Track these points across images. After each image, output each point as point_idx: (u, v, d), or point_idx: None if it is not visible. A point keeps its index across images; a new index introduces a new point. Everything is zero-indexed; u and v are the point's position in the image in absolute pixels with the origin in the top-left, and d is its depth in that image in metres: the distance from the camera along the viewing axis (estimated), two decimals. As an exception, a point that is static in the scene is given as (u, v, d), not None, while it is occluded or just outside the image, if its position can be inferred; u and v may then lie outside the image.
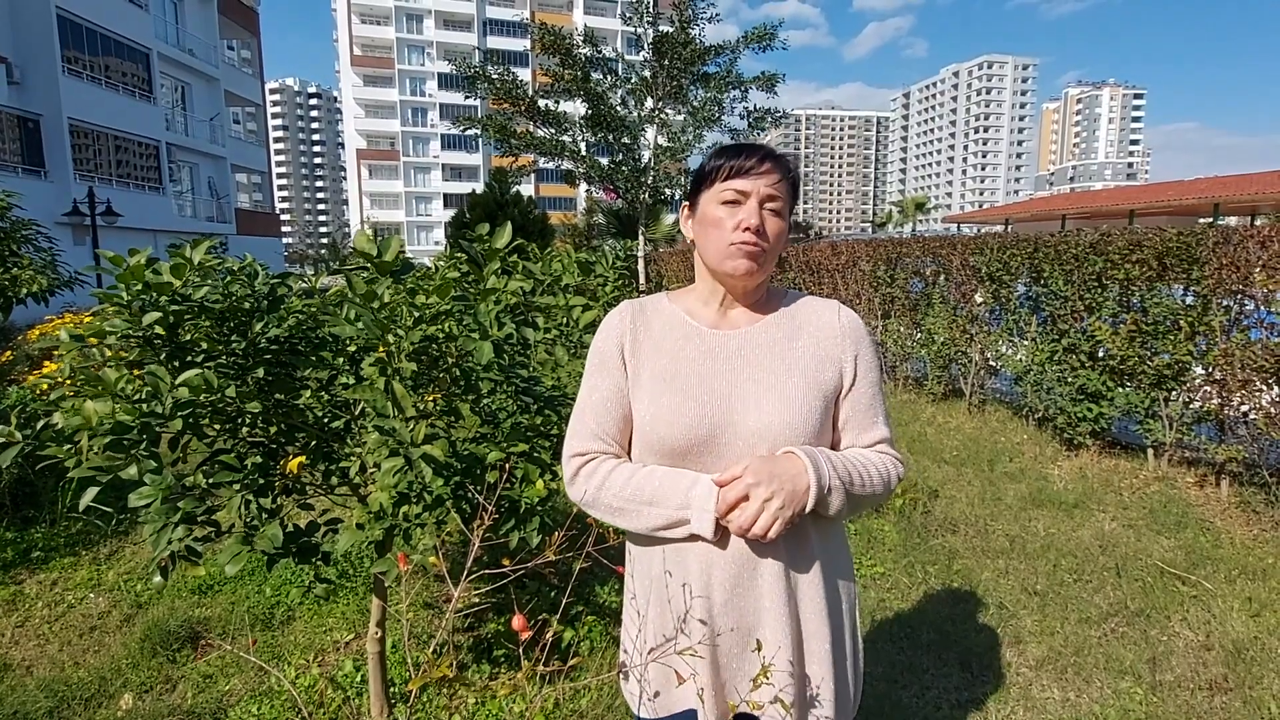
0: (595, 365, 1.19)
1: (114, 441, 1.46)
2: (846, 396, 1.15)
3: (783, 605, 1.09)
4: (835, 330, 1.16)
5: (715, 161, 1.13)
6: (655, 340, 1.17)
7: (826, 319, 1.17)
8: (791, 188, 1.14)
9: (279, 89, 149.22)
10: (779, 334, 1.15)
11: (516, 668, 2.54)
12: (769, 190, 1.10)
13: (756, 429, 1.07)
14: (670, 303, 1.22)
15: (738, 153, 1.12)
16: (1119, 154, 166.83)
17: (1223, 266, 4.19)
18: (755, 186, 1.09)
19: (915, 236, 9.10)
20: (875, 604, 3.08)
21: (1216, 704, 2.37)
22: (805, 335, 1.15)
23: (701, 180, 1.15)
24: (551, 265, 2.38)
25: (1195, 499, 4.18)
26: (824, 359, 1.14)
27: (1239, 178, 22.67)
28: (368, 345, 1.85)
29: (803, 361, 1.13)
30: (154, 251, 1.71)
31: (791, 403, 1.09)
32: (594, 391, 1.18)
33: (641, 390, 1.14)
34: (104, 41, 21.98)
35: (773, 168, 1.10)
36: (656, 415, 1.11)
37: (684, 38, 13.61)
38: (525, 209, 20.46)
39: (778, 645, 1.08)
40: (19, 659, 2.73)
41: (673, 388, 1.11)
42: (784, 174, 1.12)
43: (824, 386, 1.13)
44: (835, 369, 1.14)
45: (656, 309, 1.21)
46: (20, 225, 6.19)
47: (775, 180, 1.10)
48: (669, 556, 1.13)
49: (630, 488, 1.09)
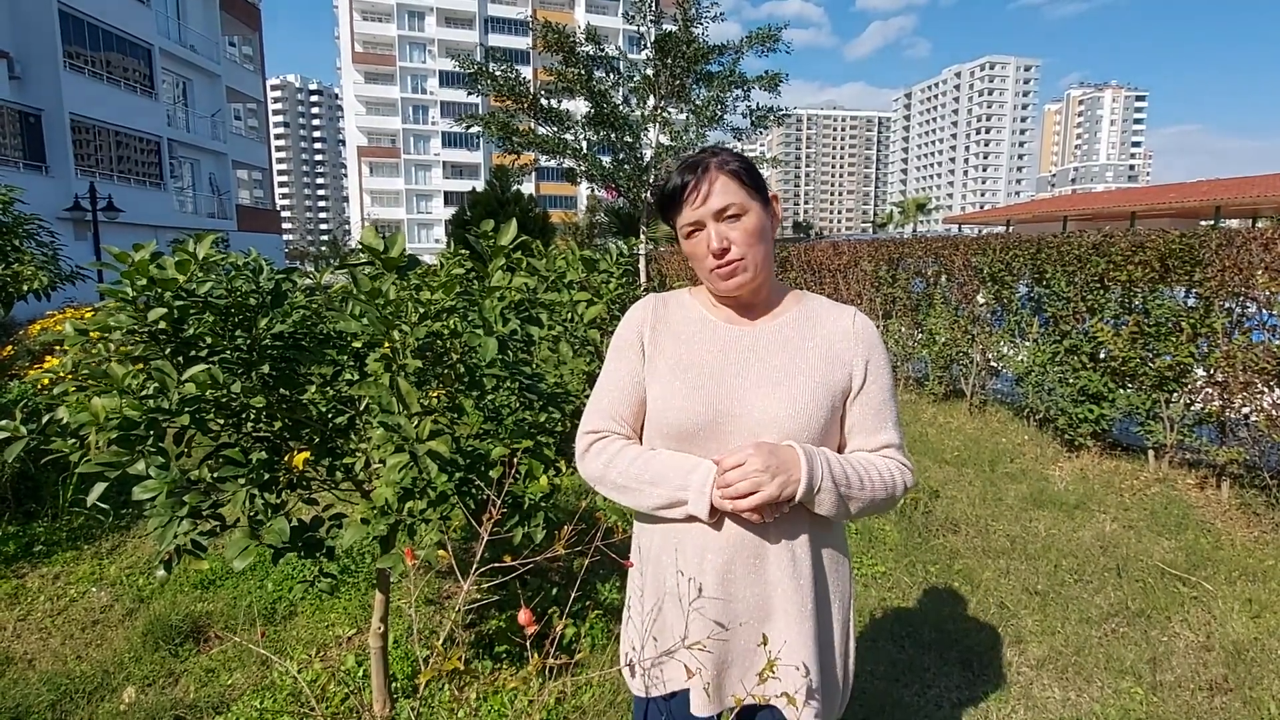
0: (616, 351, 1.23)
1: (121, 437, 1.47)
2: (855, 400, 1.17)
3: (782, 599, 1.12)
4: (848, 334, 1.18)
5: (662, 195, 1.15)
6: (674, 331, 1.20)
7: (841, 323, 1.19)
8: (744, 174, 1.11)
9: (280, 85, 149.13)
10: (792, 333, 1.18)
11: (518, 663, 2.55)
12: (718, 204, 1.09)
13: (762, 420, 1.10)
14: (691, 298, 1.26)
15: (676, 177, 1.12)
16: (1120, 156, 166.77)
17: (1225, 269, 4.20)
18: (702, 211, 1.10)
19: (917, 237, 9.10)
20: (876, 603, 3.09)
21: (1217, 704, 2.37)
22: (818, 336, 1.18)
23: (664, 213, 1.18)
24: (556, 262, 2.38)
25: (1196, 501, 4.18)
26: (834, 360, 1.16)
27: (1240, 180, 22.66)
28: (372, 341, 1.85)
29: (812, 360, 1.15)
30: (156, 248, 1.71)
31: (798, 398, 1.11)
32: (612, 375, 1.22)
33: (656, 377, 1.18)
34: (106, 37, 21.94)
35: (709, 180, 1.09)
36: (667, 401, 1.14)
37: (687, 36, 13.59)
38: (526, 207, 20.45)
39: (782, 639, 1.11)
40: (21, 652, 2.73)
41: (685, 376, 1.15)
42: (725, 171, 1.10)
43: (832, 387, 1.14)
44: (845, 371, 1.16)
45: (678, 302, 1.25)
46: (22, 220, 6.18)
47: (719, 189, 1.09)
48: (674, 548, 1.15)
49: (636, 467, 1.14)
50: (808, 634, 1.13)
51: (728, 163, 1.12)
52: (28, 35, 19.62)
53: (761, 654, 1.10)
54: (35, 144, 20.06)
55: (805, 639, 1.12)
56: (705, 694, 1.12)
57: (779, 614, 1.13)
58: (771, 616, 1.13)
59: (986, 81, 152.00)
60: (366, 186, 69.58)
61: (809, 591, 1.14)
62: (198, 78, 27.73)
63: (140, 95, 23.53)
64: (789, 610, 1.12)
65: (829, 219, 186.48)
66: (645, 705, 1.22)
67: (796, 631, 1.12)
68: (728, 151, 1.14)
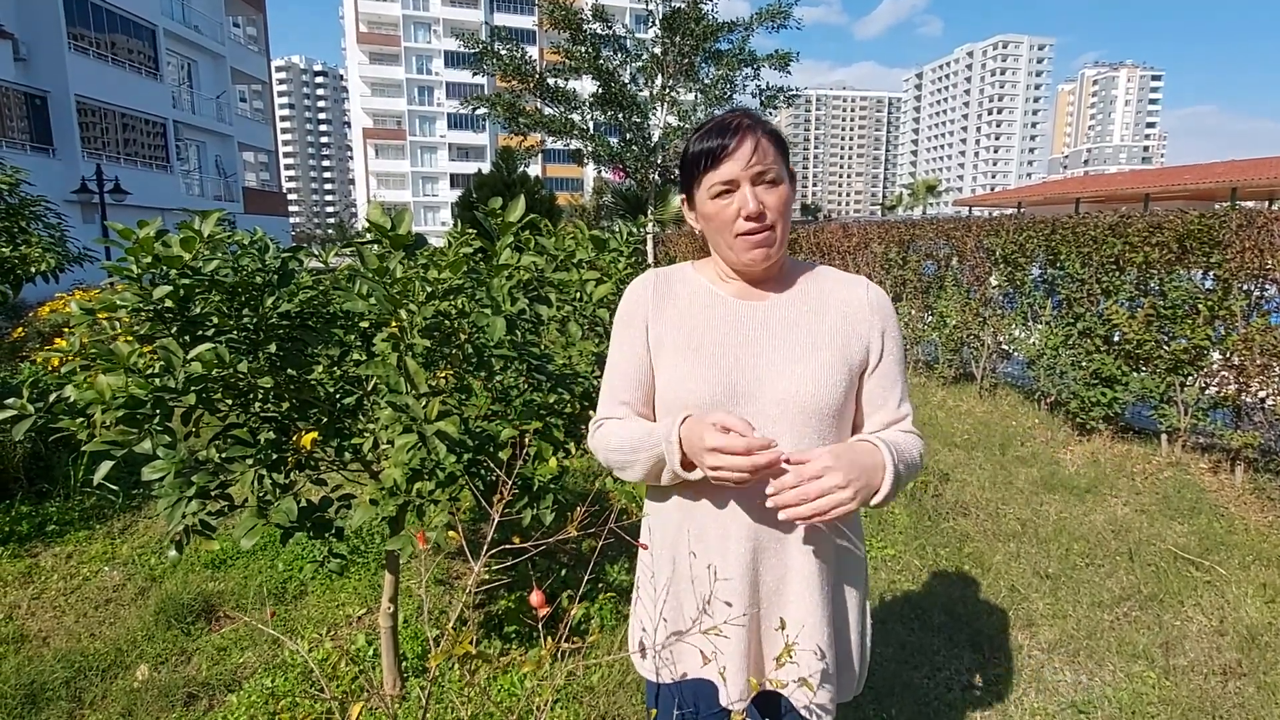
0: (617, 330, 1.21)
1: (127, 415, 1.45)
2: (873, 373, 1.14)
3: (801, 582, 1.10)
4: (864, 306, 1.15)
5: (696, 150, 1.08)
6: (680, 307, 1.16)
7: (856, 294, 1.15)
8: (776, 142, 1.07)
9: (285, 67, 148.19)
10: (805, 307, 1.14)
11: (527, 644, 2.55)
12: (757, 166, 1.04)
13: (783, 397, 1.07)
14: (695, 272, 1.21)
15: (714, 134, 1.06)
16: (1134, 137, 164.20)
17: (1245, 250, 4.12)
18: (740, 169, 1.04)
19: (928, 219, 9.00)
20: (886, 585, 3.08)
21: (1230, 689, 2.35)
22: (832, 310, 1.14)
23: (688, 173, 1.11)
24: (565, 241, 2.34)
25: (1209, 485, 4.14)
26: (851, 335, 1.13)
27: (1257, 161, 22.25)
28: (380, 321, 1.83)
29: (831, 335, 1.12)
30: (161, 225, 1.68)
31: (819, 374, 1.08)
32: (615, 358, 1.20)
33: (665, 354, 1.14)
34: (110, 18, 21.80)
35: (754, 138, 1.04)
36: (679, 379, 1.11)
37: (695, 13, 13.38)
38: (532, 189, 20.31)
39: (800, 623, 1.10)
40: (36, 630, 2.76)
41: (698, 354, 1.11)
42: (767, 134, 1.06)
43: (850, 361, 1.11)
44: (863, 344, 1.13)
45: (682, 276, 1.20)
46: (29, 202, 6.16)
47: (761, 149, 1.04)
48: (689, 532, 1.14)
49: (618, 438, 1.13)
50: (825, 618, 1.11)
51: (768, 126, 1.07)
52: (32, 17, 19.52)
53: (779, 638, 1.08)
54: (42, 126, 20.03)
55: (822, 623, 1.10)
56: (721, 678, 1.11)
57: (795, 597, 1.11)
58: (789, 600, 1.11)
59: (999, 61, 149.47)
60: (372, 169, 69.35)
61: (829, 574, 1.12)
62: (202, 59, 27.57)
63: (145, 77, 23.42)
64: (806, 594, 1.10)
65: (838, 201, 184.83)
66: (657, 689, 1.20)
67: (814, 615, 1.10)
68: (761, 117, 1.09)
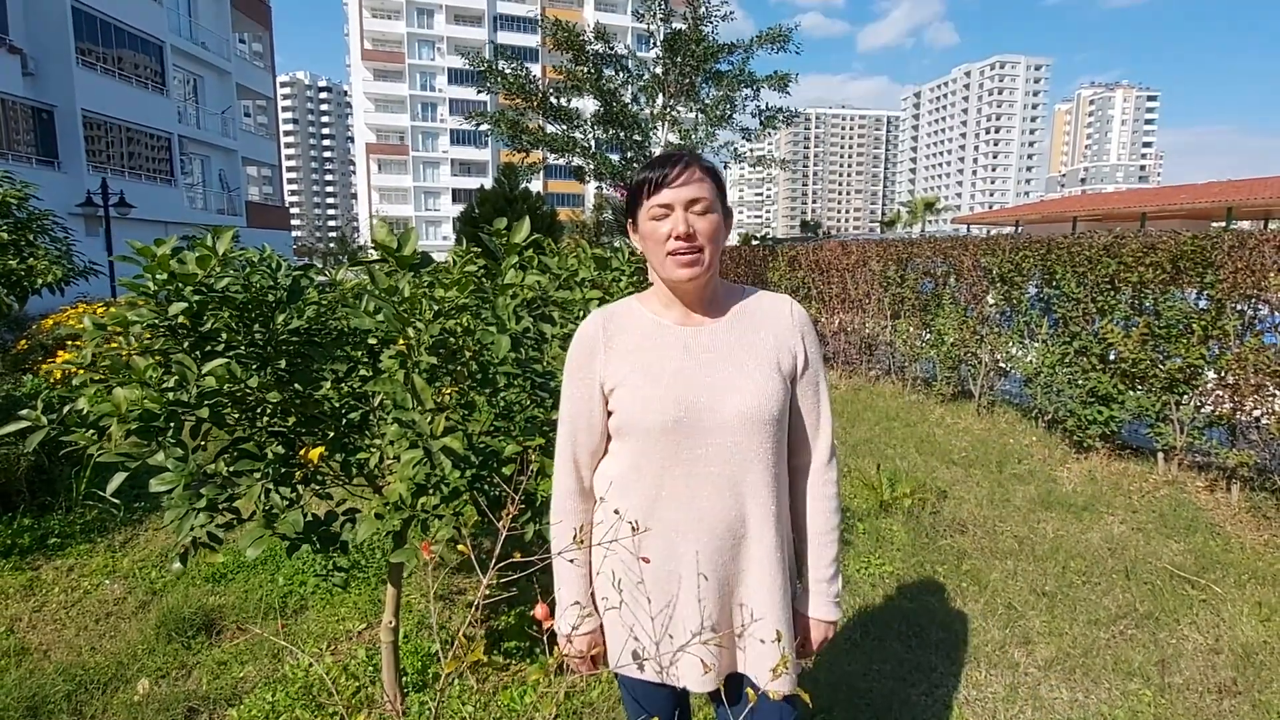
0: (569, 378, 1.30)
1: (141, 428, 1.49)
2: (801, 378, 1.31)
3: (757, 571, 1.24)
4: (789, 322, 1.31)
5: (640, 177, 1.24)
6: (631, 340, 1.28)
7: (782, 311, 1.32)
8: (713, 178, 1.23)
9: (290, 83, 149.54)
10: (743, 327, 1.29)
11: (528, 659, 2.56)
12: (691, 194, 1.19)
13: (734, 413, 1.20)
14: (640, 304, 1.33)
15: (658, 165, 1.22)
16: (1131, 156, 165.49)
17: (1238, 270, 4.17)
18: (677, 195, 1.19)
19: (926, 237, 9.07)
20: (884, 603, 3.09)
21: (1225, 707, 2.37)
22: (766, 328, 1.29)
23: (634, 197, 1.25)
24: (568, 260, 2.39)
25: (1205, 503, 4.17)
26: (782, 348, 1.28)
27: (1253, 182, 22.45)
28: (387, 338, 1.87)
29: (767, 350, 1.27)
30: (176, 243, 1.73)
31: (765, 386, 1.22)
32: (568, 407, 1.31)
33: (625, 387, 1.24)
34: (118, 34, 22.08)
35: (690, 172, 1.20)
36: (636, 406, 1.22)
37: (696, 35, 13.56)
38: (534, 205, 20.43)
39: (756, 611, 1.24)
40: (37, 643, 2.77)
41: (658, 382, 1.22)
42: (703, 169, 1.22)
43: (784, 371, 1.28)
44: (790, 355, 1.29)
45: (628, 310, 1.33)
46: (36, 216, 6.22)
47: (696, 181, 1.20)
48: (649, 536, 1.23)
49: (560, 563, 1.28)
50: (779, 602, 1.24)
51: (705, 163, 1.24)
52: (41, 32, 19.77)
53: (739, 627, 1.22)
54: (48, 140, 20.21)
55: (776, 607, 1.24)
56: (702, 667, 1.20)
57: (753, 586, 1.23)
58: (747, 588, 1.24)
59: (997, 81, 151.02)
60: (375, 183, 69.77)
61: (781, 559, 1.25)
62: (208, 74, 27.87)
63: (151, 92, 23.67)
64: (763, 581, 1.23)
65: (837, 218, 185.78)
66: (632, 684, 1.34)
67: (769, 601, 1.23)
68: (702, 157, 1.26)
